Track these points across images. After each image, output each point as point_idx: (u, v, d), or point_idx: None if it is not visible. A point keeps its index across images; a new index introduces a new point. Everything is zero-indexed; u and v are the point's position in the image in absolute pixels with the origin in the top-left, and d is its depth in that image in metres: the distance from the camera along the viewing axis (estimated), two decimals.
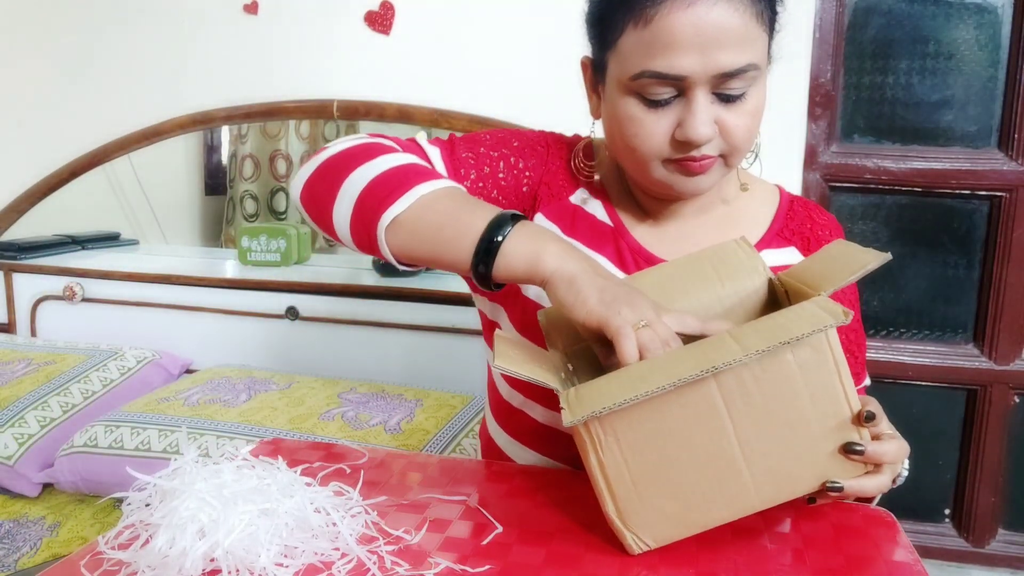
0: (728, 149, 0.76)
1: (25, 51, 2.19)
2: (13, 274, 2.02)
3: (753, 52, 0.73)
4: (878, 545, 0.65)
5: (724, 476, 0.61)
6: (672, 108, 0.74)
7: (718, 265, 0.75)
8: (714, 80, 0.72)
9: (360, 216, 0.74)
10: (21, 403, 1.57)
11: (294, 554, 0.60)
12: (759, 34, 0.73)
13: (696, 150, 0.75)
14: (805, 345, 0.59)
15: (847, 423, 0.61)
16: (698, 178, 0.77)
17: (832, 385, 0.60)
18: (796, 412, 0.60)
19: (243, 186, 2.29)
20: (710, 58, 0.71)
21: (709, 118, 0.73)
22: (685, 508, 0.62)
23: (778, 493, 0.62)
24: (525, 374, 0.62)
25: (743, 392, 0.59)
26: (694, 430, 0.60)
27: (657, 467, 0.61)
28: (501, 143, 0.88)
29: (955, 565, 1.93)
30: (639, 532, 0.62)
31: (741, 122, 0.75)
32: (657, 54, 0.71)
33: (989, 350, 1.85)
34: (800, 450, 0.61)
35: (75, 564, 0.60)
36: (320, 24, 1.96)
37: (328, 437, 1.41)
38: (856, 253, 0.67)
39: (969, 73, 1.77)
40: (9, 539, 1.36)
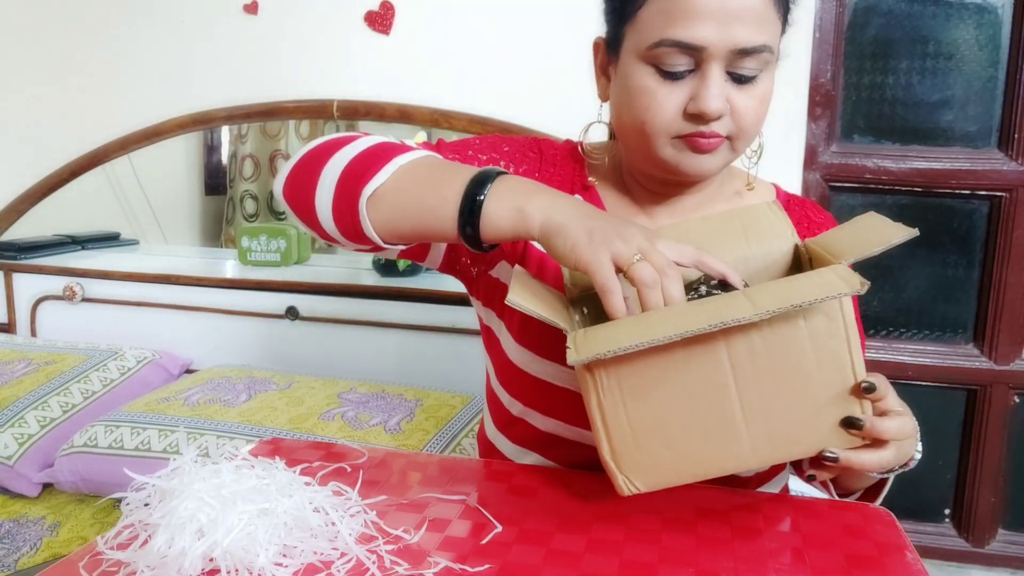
0: (736, 131, 0.77)
1: (25, 51, 2.19)
2: (13, 274, 2.02)
3: (769, 35, 0.74)
4: (878, 545, 0.65)
5: (722, 431, 0.61)
6: (686, 82, 0.75)
7: (748, 225, 0.74)
8: (730, 56, 0.73)
9: (341, 197, 0.73)
10: (21, 403, 1.57)
11: (293, 554, 0.60)
12: (775, 20, 0.75)
13: (706, 126, 0.75)
14: (818, 311, 0.59)
15: (851, 394, 0.61)
16: (704, 157, 0.77)
17: (840, 354, 0.60)
18: (801, 377, 0.60)
19: (243, 186, 2.29)
20: (730, 31, 0.71)
21: (722, 93, 0.74)
22: (680, 457, 0.62)
23: (774, 453, 0.62)
24: (536, 311, 0.62)
25: (750, 351, 0.59)
26: (697, 383, 0.60)
27: (656, 414, 0.61)
28: (491, 147, 0.88)
29: (955, 565, 1.93)
30: (631, 475, 0.62)
31: (751, 105, 0.76)
32: (678, 23, 0.72)
33: (989, 350, 1.85)
34: (801, 415, 0.61)
35: (74, 564, 0.60)
36: (320, 24, 1.96)
37: (328, 437, 1.41)
38: (884, 226, 0.66)
39: (969, 73, 1.77)
40: (9, 539, 1.36)
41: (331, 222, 0.74)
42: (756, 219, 0.75)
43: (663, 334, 0.57)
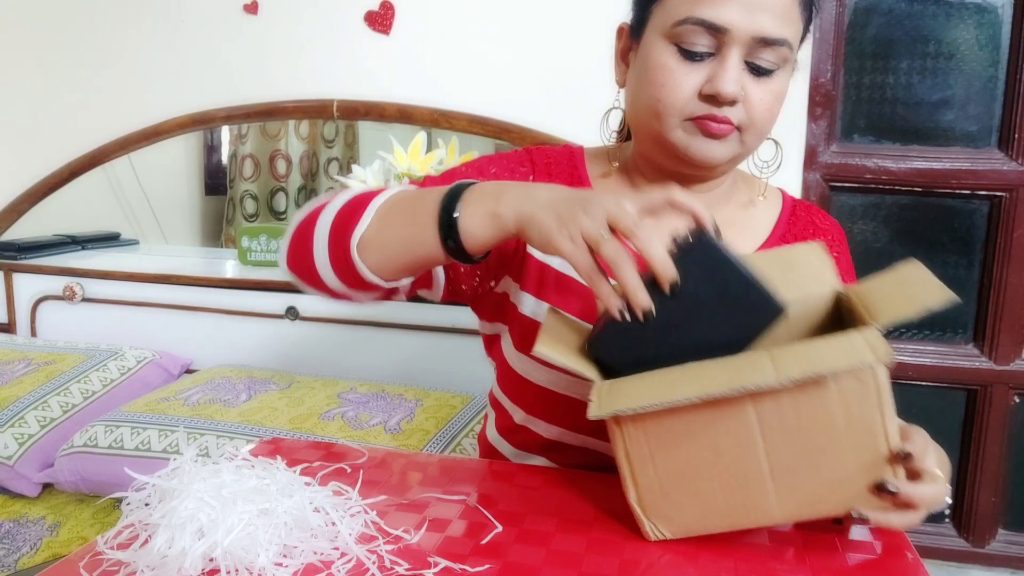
0: (747, 122, 0.77)
1: (25, 51, 2.19)
2: (13, 274, 2.02)
3: (791, 31, 0.75)
4: (878, 545, 0.65)
5: (749, 486, 0.61)
6: (705, 65, 0.76)
7: (786, 269, 0.74)
8: (751, 44, 0.74)
9: (335, 252, 0.73)
10: (21, 403, 1.57)
11: (293, 554, 0.60)
12: (799, 20, 0.76)
13: (719, 110, 0.76)
14: (849, 375, 0.58)
15: (882, 459, 0.60)
16: (713, 144, 0.78)
17: (871, 419, 0.59)
18: (830, 438, 0.60)
19: (243, 186, 2.29)
20: (755, 18, 0.73)
21: (738, 78, 0.75)
22: (706, 509, 0.62)
23: (801, 511, 0.63)
24: (563, 361, 0.63)
25: (778, 411, 0.59)
26: (723, 440, 0.60)
27: (683, 466, 0.62)
28: (478, 172, 0.87)
29: (955, 565, 1.93)
30: (658, 522, 0.63)
31: (765, 98, 0.77)
32: (705, 3, 0.74)
33: (989, 350, 1.85)
34: (830, 476, 0.61)
35: (74, 564, 0.60)
36: (320, 24, 1.96)
37: (328, 437, 1.41)
38: (926, 286, 0.65)
39: (969, 73, 1.77)
40: (9, 539, 1.36)
41: (334, 279, 0.75)
42: (796, 261, 0.74)
43: (684, 395, 0.58)
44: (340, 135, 2.34)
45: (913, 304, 0.63)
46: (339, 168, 2.33)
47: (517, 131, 1.85)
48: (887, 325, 0.62)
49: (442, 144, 1.79)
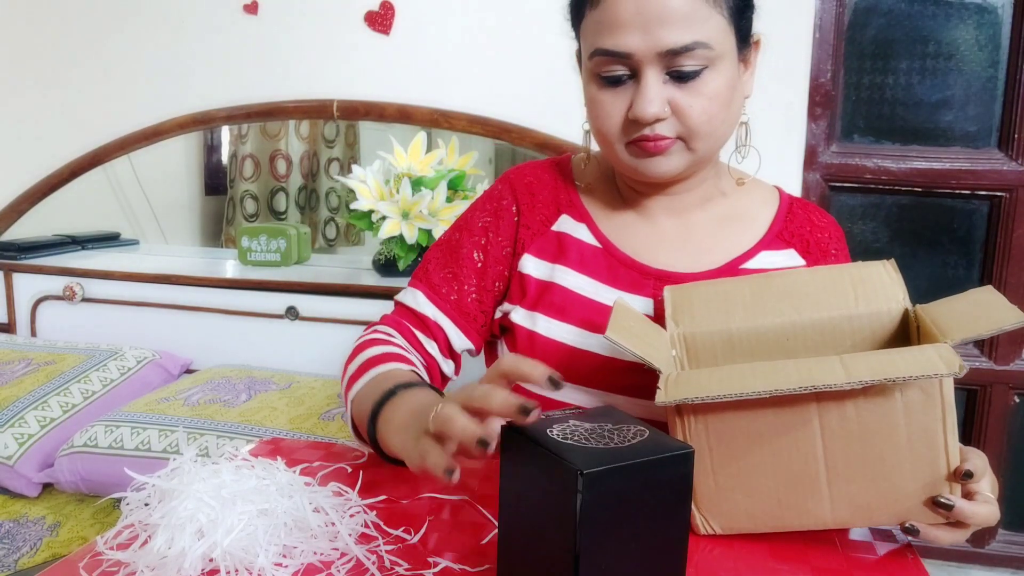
0: (685, 131, 0.77)
1: (25, 51, 2.19)
2: (13, 274, 2.02)
3: (702, 31, 0.73)
4: (878, 545, 0.65)
5: (803, 489, 0.62)
6: (627, 88, 0.77)
7: (858, 284, 0.74)
8: (662, 59, 0.74)
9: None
10: (21, 403, 1.57)
11: (293, 554, 0.60)
12: (710, 14, 0.74)
13: (649, 129, 0.76)
14: (915, 386, 0.59)
15: (940, 474, 0.60)
16: (658, 159, 0.78)
17: (934, 432, 0.60)
18: (891, 449, 0.60)
19: (243, 186, 2.29)
20: (653, 35, 0.73)
21: (659, 97, 0.75)
22: (758, 507, 0.63)
23: (853, 518, 0.63)
24: (631, 348, 0.64)
25: (842, 417, 0.60)
26: (784, 439, 0.61)
27: (740, 464, 0.62)
28: (468, 235, 0.90)
29: (955, 565, 1.93)
30: (709, 516, 0.64)
31: (696, 103, 0.75)
32: (605, 33, 0.74)
33: (989, 350, 1.85)
34: (886, 486, 0.61)
35: (74, 564, 0.60)
36: (320, 24, 1.96)
37: (328, 437, 1.41)
38: (998, 307, 0.65)
39: (969, 73, 1.77)
40: (9, 539, 1.36)
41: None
42: (867, 278, 0.74)
43: (753, 388, 0.58)
44: (341, 135, 2.34)
45: (986, 323, 0.63)
46: (340, 168, 2.33)
47: (517, 131, 1.85)
48: (959, 342, 0.62)
49: (442, 144, 1.79)
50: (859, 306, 0.72)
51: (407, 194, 1.70)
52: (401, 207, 1.71)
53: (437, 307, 0.89)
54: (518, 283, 0.88)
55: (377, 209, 1.72)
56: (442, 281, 0.89)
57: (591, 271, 0.85)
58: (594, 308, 0.84)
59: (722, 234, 0.87)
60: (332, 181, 2.34)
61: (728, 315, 0.73)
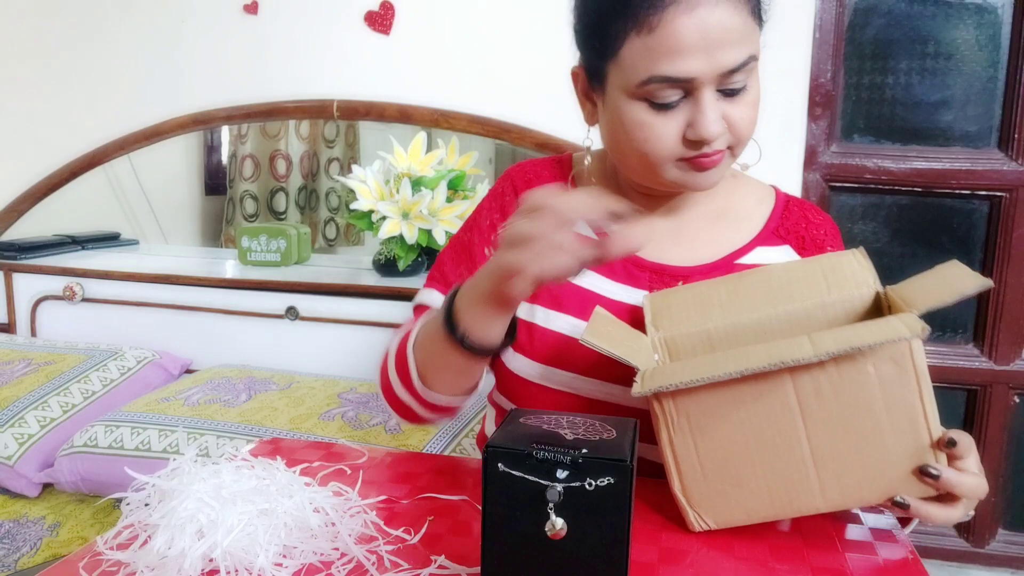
0: (735, 141, 0.78)
1: (25, 51, 2.19)
2: (13, 274, 2.02)
3: (752, 45, 0.75)
4: (878, 545, 0.65)
5: (790, 472, 0.62)
6: (680, 109, 0.75)
7: (829, 273, 0.75)
8: (719, 78, 0.74)
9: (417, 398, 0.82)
10: (21, 403, 1.57)
11: (293, 554, 0.60)
12: (754, 27, 0.75)
13: (708, 147, 0.76)
14: (887, 359, 0.59)
15: (924, 444, 0.61)
16: (710, 172, 0.79)
17: (911, 402, 0.60)
18: (871, 423, 0.61)
19: (243, 186, 2.29)
20: (716, 58, 0.72)
21: (718, 115, 0.75)
22: (749, 496, 0.63)
23: (843, 499, 0.63)
24: (610, 349, 0.64)
25: (819, 395, 0.60)
26: (765, 423, 0.61)
27: (725, 452, 0.63)
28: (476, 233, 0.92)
29: (955, 565, 1.93)
30: (701, 511, 0.64)
31: (746, 114, 0.77)
32: (664, 59, 0.72)
33: (989, 350, 1.85)
34: (871, 461, 0.61)
35: (74, 565, 0.60)
36: (320, 24, 1.96)
37: (328, 437, 1.41)
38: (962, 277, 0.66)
39: (969, 73, 1.77)
40: (9, 539, 1.36)
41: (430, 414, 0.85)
42: (838, 266, 0.75)
43: (724, 370, 0.59)
44: (341, 135, 2.34)
45: (949, 291, 0.64)
46: (340, 168, 2.33)
47: (517, 131, 1.85)
48: (923, 311, 0.63)
49: (442, 144, 1.79)
50: (831, 294, 0.73)
51: (407, 194, 1.70)
52: (401, 207, 1.71)
53: None
54: None
55: (377, 209, 1.72)
56: (458, 279, 0.89)
57: None
58: (591, 299, 0.84)
59: (717, 230, 0.88)
60: (332, 181, 2.34)
61: (706, 315, 0.75)
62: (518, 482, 0.50)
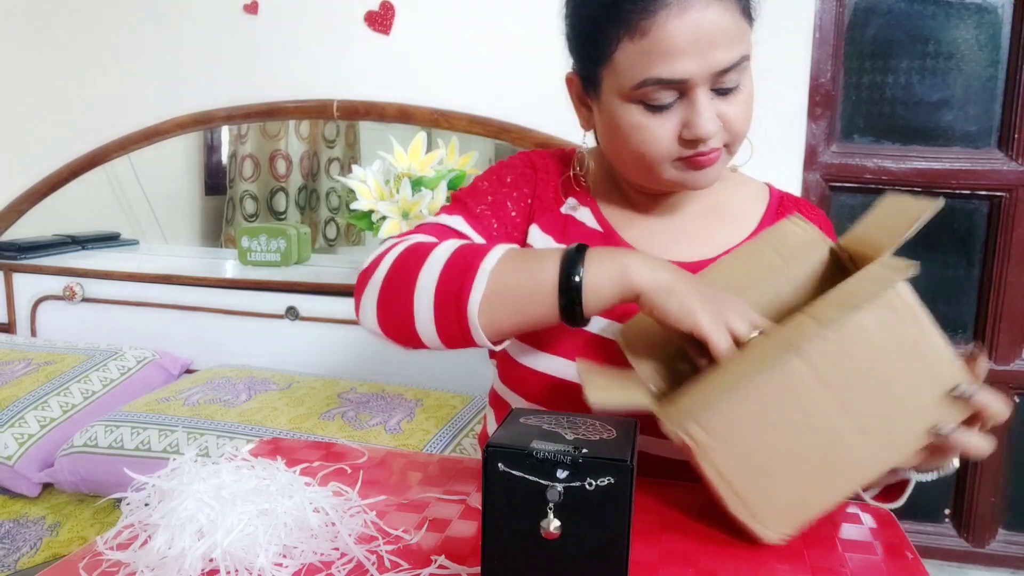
0: (730, 139, 0.79)
1: (25, 51, 2.19)
2: (13, 274, 2.02)
3: (743, 44, 0.76)
4: (878, 545, 0.65)
5: (833, 450, 0.61)
6: (675, 110, 0.76)
7: (778, 247, 0.75)
8: (713, 78, 0.75)
9: (444, 318, 0.73)
10: (21, 403, 1.57)
11: (293, 554, 0.60)
12: (745, 26, 0.76)
13: (704, 145, 0.77)
14: (880, 307, 0.59)
15: (945, 371, 0.60)
16: (708, 170, 0.80)
17: (917, 338, 0.59)
18: (889, 371, 0.60)
19: (243, 186, 2.29)
20: (709, 59, 0.73)
21: (713, 114, 0.76)
22: (806, 490, 0.62)
23: (889, 454, 0.62)
24: (621, 403, 0.63)
25: (831, 365, 0.59)
26: (794, 414, 0.60)
27: (768, 458, 0.61)
28: (499, 184, 0.90)
29: (955, 565, 1.93)
30: (770, 524, 0.63)
31: (740, 111, 0.78)
32: (657, 62, 0.73)
33: (989, 350, 1.85)
34: (901, 406, 0.61)
35: (74, 565, 0.60)
36: (320, 24, 1.96)
37: (328, 437, 1.41)
38: (909, 206, 0.66)
39: (969, 73, 1.77)
40: (9, 539, 1.36)
41: (435, 339, 0.75)
42: (784, 238, 0.75)
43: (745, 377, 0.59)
44: (341, 135, 2.34)
45: (904, 223, 0.64)
46: (340, 168, 2.33)
47: (517, 131, 1.85)
48: (891, 252, 0.63)
49: (442, 144, 1.79)
50: (790, 266, 0.73)
51: (407, 194, 1.70)
52: (401, 207, 1.71)
53: (481, 234, 0.85)
54: None
55: (377, 209, 1.72)
56: (482, 214, 0.87)
57: None
58: None
59: (714, 226, 0.89)
60: (333, 181, 2.34)
61: None
62: (518, 482, 0.50)
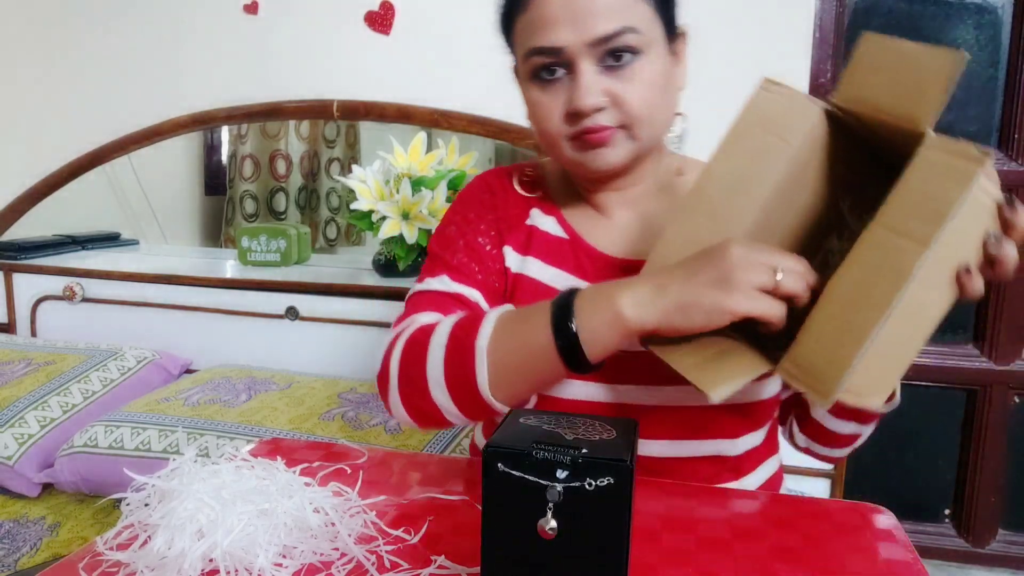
0: (626, 119, 0.78)
1: (25, 51, 2.19)
2: (13, 274, 2.02)
3: (628, 17, 0.75)
4: (878, 545, 0.65)
5: (923, 319, 0.61)
6: (564, 85, 0.78)
7: (767, 125, 0.68)
8: (594, 50, 0.75)
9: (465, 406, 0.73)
10: (21, 403, 1.57)
11: (293, 554, 0.60)
12: (635, 3, 0.76)
13: (590, 120, 0.77)
14: (970, 205, 0.56)
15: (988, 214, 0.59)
16: (603, 151, 0.79)
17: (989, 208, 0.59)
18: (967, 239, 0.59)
19: (243, 186, 2.29)
20: (582, 27, 0.75)
21: (596, 88, 0.76)
22: (904, 357, 0.62)
23: (951, 297, 0.61)
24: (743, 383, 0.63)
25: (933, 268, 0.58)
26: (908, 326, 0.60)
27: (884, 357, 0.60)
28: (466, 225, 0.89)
29: (955, 565, 1.93)
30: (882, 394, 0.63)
31: (633, 90, 0.77)
32: (536, 32, 0.77)
33: (989, 350, 1.85)
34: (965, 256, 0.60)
35: (73, 565, 0.60)
36: (320, 24, 1.96)
37: (328, 437, 1.41)
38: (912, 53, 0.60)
39: (969, 73, 1.77)
40: (9, 539, 1.36)
41: (472, 422, 0.79)
42: (766, 111, 0.68)
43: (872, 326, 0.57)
44: (342, 135, 2.35)
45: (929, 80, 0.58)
46: (340, 168, 2.33)
47: (517, 131, 1.85)
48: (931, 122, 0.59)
49: (442, 144, 1.79)
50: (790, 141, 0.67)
51: (407, 194, 1.70)
52: (401, 207, 1.71)
53: (469, 285, 0.85)
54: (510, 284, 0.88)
55: (377, 209, 1.72)
56: (461, 264, 0.87)
57: (559, 262, 0.86)
58: None
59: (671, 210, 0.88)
60: (333, 181, 2.34)
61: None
62: (518, 482, 0.50)
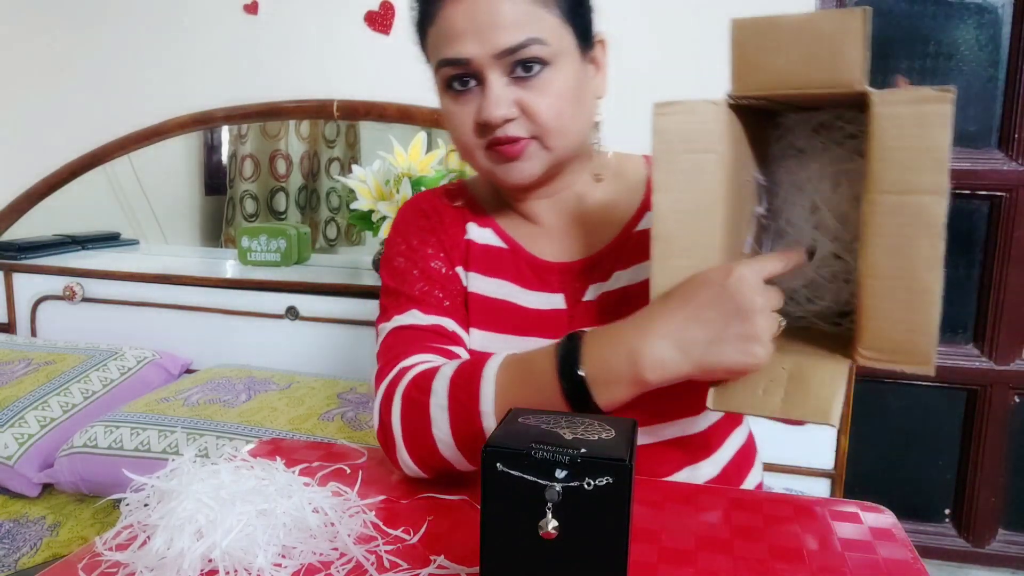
0: (538, 130, 0.78)
1: (25, 51, 2.19)
2: (13, 274, 2.02)
3: (534, 29, 0.75)
4: (878, 545, 0.65)
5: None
6: (475, 96, 0.78)
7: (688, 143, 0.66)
8: (500, 61, 0.76)
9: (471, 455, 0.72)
10: (21, 403, 1.57)
11: (292, 554, 0.60)
12: (541, 15, 0.76)
13: (501, 131, 0.77)
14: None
15: None
16: (517, 164, 0.79)
17: None
18: None
19: (243, 186, 2.29)
20: (487, 39, 0.75)
21: (505, 99, 0.76)
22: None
23: None
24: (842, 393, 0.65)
25: None
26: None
27: None
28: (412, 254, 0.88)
29: (955, 565, 1.93)
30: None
31: (543, 101, 0.77)
32: (444, 44, 0.78)
33: (989, 350, 1.85)
34: None
35: (73, 565, 0.60)
36: (320, 24, 1.96)
37: (328, 437, 1.41)
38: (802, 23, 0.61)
39: (969, 73, 1.77)
40: (9, 539, 1.36)
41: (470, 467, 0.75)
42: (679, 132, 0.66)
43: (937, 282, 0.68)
44: (342, 135, 2.34)
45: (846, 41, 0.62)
46: (340, 168, 2.33)
47: None
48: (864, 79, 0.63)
49: (442, 144, 1.79)
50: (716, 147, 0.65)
51: (407, 194, 1.70)
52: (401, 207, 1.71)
53: (440, 315, 0.85)
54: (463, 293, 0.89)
55: (377, 209, 1.72)
56: (424, 294, 0.86)
57: (498, 272, 0.87)
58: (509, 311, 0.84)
59: (608, 213, 0.88)
60: (333, 181, 2.34)
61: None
62: (517, 482, 0.50)
